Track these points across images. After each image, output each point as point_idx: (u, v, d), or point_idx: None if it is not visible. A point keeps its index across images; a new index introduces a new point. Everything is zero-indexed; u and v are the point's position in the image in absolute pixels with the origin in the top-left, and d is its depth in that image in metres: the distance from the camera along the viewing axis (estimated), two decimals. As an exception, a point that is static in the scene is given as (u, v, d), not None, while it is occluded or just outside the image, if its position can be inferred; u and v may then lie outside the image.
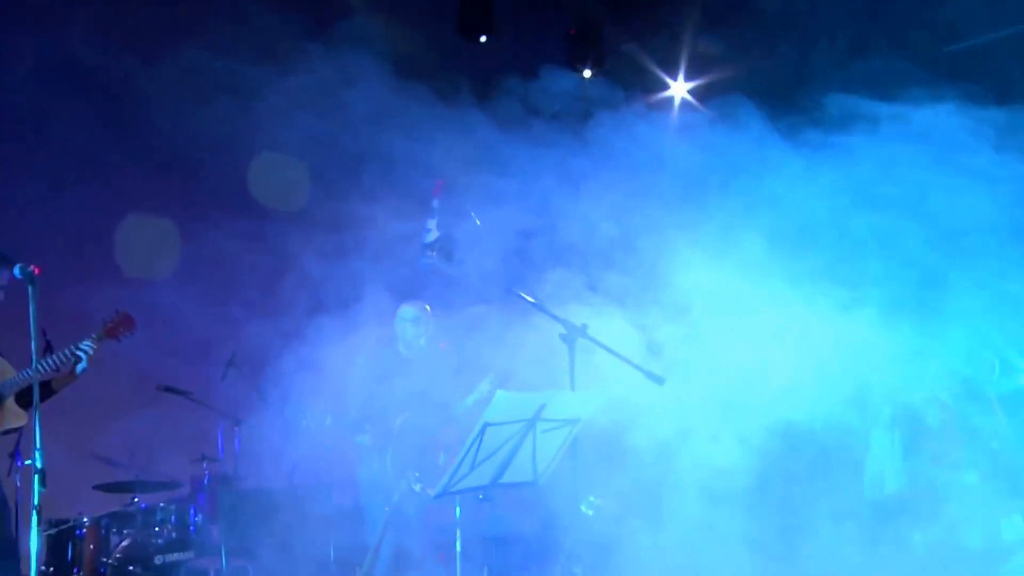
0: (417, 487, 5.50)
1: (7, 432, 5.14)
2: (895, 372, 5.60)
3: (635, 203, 5.48)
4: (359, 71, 6.77)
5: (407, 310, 6.04)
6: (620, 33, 9.78)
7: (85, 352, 5.10)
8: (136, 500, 7.16)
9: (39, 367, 4.80)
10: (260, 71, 7.35)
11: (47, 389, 5.21)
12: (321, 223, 8.91)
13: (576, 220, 5.55)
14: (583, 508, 5.13)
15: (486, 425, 3.86)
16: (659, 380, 4.45)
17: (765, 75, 8.13)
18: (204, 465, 7.38)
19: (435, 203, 4.46)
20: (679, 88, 9.45)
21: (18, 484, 6.43)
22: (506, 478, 4.20)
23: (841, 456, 5.81)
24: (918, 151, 5.31)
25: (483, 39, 9.26)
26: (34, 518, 4.18)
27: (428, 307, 6.06)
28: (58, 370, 5.07)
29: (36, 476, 4.15)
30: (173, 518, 7.13)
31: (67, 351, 5.08)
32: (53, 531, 6.75)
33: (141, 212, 8.14)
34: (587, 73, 9.58)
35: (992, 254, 5.34)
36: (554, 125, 6.03)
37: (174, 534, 7.06)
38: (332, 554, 5.35)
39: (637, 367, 4.41)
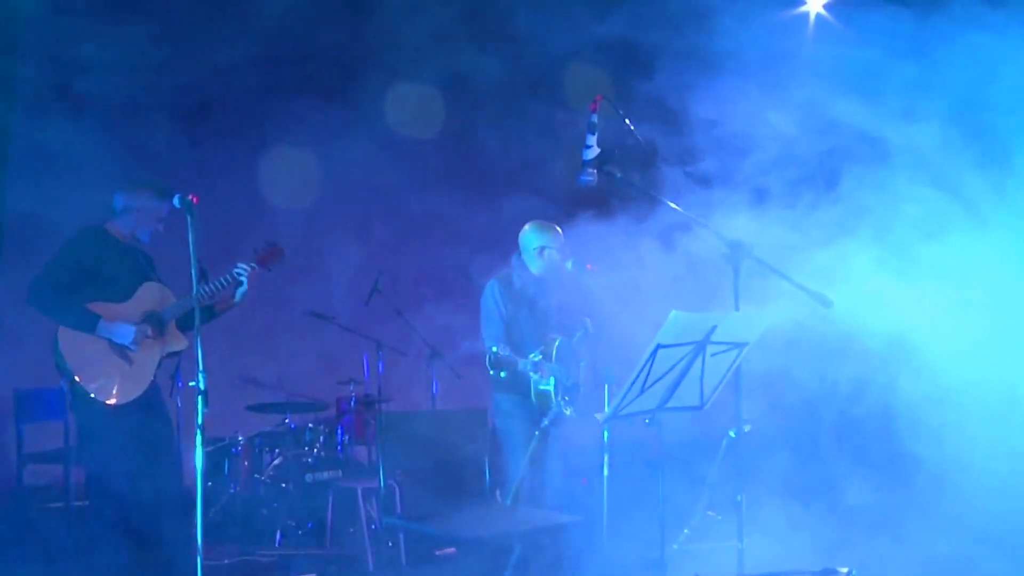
0: (568, 411, 5.49)
1: (170, 356, 5.29)
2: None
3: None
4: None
5: (549, 236, 5.87)
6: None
7: (242, 276, 5.21)
8: (287, 420, 7.38)
9: (201, 292, 4.94)
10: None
11: (210, 312, 5.36)
12: (459, 149, 8.96)
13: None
14: (731, 433, 5.02)
15: (658, 347, 3.79)
16: (827, 303, 4.30)
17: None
18: (350, 387, 7.53)
19: (594, 118, 4.33)
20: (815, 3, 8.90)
21: (179, 404, 6.70)
22: (673, 402, 4.13)
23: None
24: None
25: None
26: (198, 437, 4.31)
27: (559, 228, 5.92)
28: (219, 293, 5.18)
29: (199, 397, 4.27)
30: (322, 438, 7.33)
31: (224, 278, 5.19)
32: (210, 448, 6.99)
33: (284, 142, 8.24)
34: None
35: None
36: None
37: (322, 453, 7.26)
38: (488, 476, 5.38)
39: (804, 289, 4.27)
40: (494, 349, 5.22)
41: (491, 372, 5.28)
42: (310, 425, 7.36)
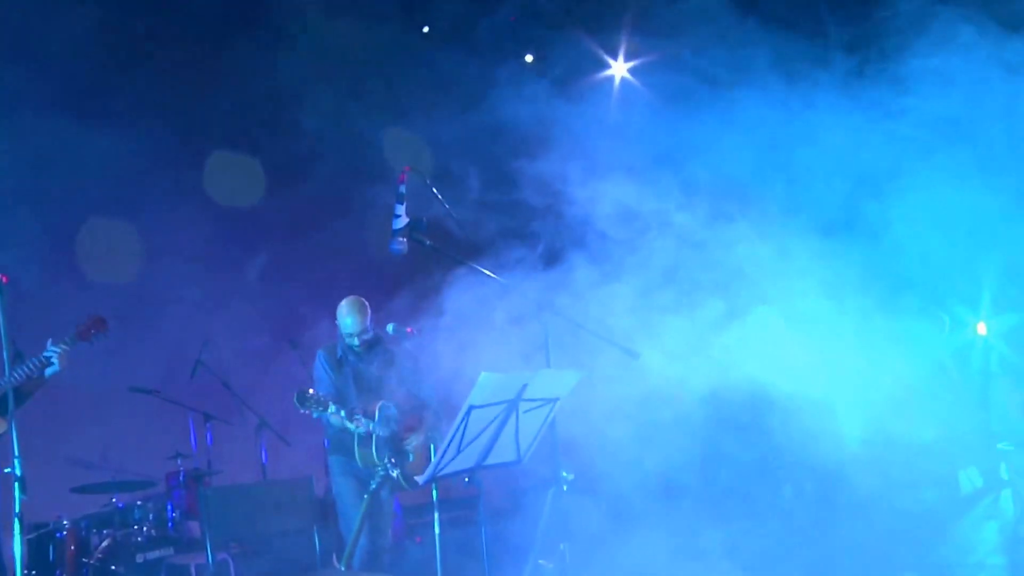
0: (395, 473, 5.59)
1: (-14, 440, 5.11)
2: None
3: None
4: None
5: (342, 306, 6.05)
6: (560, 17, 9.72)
7: (55, 356, 5.10)
8: (114, 500, 7.19)
9: (13, 375, 4.82)
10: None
11: (20, 394, 5.21)
12: (281, 218, 8.99)
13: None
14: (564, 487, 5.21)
15: (471, 408, 3.94)
16: (634, 355, 4.57)
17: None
18: (178, 462, 7.42)
19: (402, 188, 4.51)
20: (619, 68, 9.34)
21: (-4, 492, 6.43)
22: (491, 459, 4.30)
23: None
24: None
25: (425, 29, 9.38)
26: (16, 526, 4.22)
27: (364, 300, 6.07)
28: (31, 376, 5.06)
29: (16, 484, 4.17)
30: (151, 516, 7.18)
31: (39, 357, 5.08)
32: (33, 535, 6.74)
33: (103, 214, 8.11)
34: (529, 58, 9.54)
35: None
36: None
37: (153, 531, 7.12)
38: (318, 544, 5.40)
39: (612, 343, 4.52)
40: (309, 391, 5.30)
41: (301, 411, 5.33)
42: (139, 503, 7.20)
